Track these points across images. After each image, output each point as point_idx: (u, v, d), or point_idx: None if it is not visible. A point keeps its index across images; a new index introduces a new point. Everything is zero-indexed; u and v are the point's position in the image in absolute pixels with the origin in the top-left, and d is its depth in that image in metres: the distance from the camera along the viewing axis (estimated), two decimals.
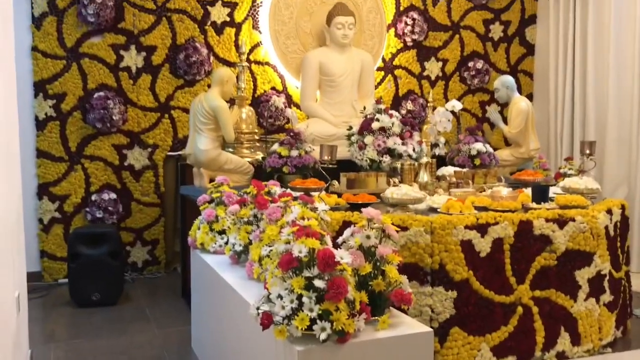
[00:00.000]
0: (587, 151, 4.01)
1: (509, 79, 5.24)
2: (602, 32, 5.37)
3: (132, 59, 4.88)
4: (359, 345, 1.81)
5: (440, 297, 2.89)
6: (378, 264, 2.03)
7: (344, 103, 5.11)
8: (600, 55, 5.39)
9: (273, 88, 5.33)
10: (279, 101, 5.00)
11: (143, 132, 4.95)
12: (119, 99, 4.79)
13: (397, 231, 2.79)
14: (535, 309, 3.08)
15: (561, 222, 3.15)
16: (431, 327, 2.88)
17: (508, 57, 6.16)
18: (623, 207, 3.64)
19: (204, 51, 5.00)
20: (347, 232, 2.08)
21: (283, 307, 1.80)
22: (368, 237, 2.01)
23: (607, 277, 3.34)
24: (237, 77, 4.66)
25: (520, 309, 3.05)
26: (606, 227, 3.33)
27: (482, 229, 2.99)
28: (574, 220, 3.18)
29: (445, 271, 2.90)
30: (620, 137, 5.25)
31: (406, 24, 5.67)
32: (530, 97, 6.22)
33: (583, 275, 3.20)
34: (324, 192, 3.43)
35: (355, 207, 3.29)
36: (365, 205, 3.36)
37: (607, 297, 3.33)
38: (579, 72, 5.55)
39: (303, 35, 5.29)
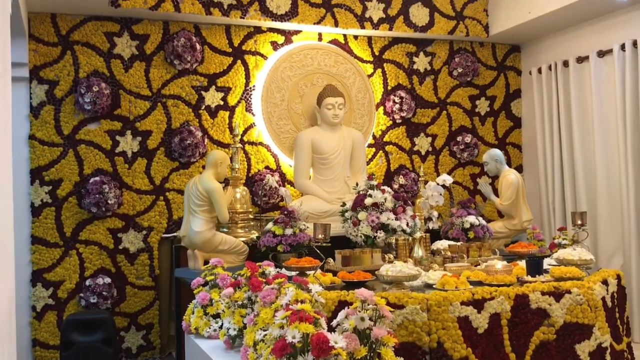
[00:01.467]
0: (579, 222, 4.05)
1: (497, 152, 5.36)
2: (584, 103, 5.55)
3: (128, 143, 4.98)
4: None
5: None
6: (374, 346, 2.00)
7: (336, 180, 5.18)
8: (585, 126, 5.54)
9: (267, 167, 5.42)
10: (273, 180, 5.07)
11: (138, 214, 4.98)
12: (115, 183, 4.85)
13: (392, 311, 2.78)
14: None
15: (557, 295, 3.14)
16: None
17: (496, 130, 6.32)
18: (619, 277, 3.63)
19: (199, 134, 5.12)
20: (341, 315, 2.06)
21: None
22: (362, 319, 1.99)
23: (609, 350, 3.29)
24: (231, 158, 4.75)
25: None
26: (603, 298, 3.32)
27: (479, 304, 2.98)
28: (570, 292, 3.17)
29: (443, 349, 2.86)
30: (611, 205, 5.31)
31: (394, 102, 5.84)
32: (520, 168, 6.33)
33: (584, 349, 3.15)
34: (319, 271, 3.43)
35: (351, 285, 3.28)
36: (361, 283, 3.36)
37: None
38: (565, 142, 5.68)
39: (295, 116, 5.44)
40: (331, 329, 2.03)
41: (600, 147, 5.37)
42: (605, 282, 3.42)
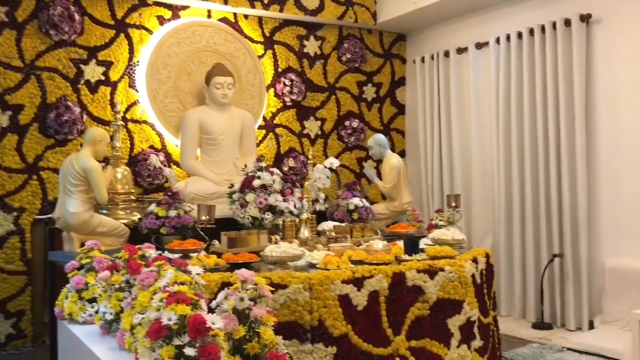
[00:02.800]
0: (453, 204, 4.29)
1: (381, 137, 5.54)
2: (463, 92, 5.87)
3: None
4: None
5: (320, 353, 2.90)
6: (253, 326, 2.01)
7: (225, 161, 5.11)
8: (462, 114, 5.87)
9: (151, 147, 5.23)
10: (157, 160, 4.91)
11: (8, 195, 4.63)
12: None
13: (273, 290, 2.80)
14: (412, 359, 3.18)
15: (431, 273, 3.31)
16: None
17: (381, 116, 6.53)
18: (488, 256, 3.90)
19: (77, 110, 4.83)
20: (220, 295, 2.04)
21: None
22: (242, 299, 1.99)
23: (477, 323, 3.53)
24: (112, 136, 4.54)
25: None
26: (473, 275, 3.55)
27: (359, 282, 3.07)
28: (443, 270, 3.36)
29: (324, 327, 2.93)
30: (484, 189, 5.69)
31: (285, 84, 5.85)
32: (402, 153, 6.59)
33: (455, 323, 3.36)
34: (203, 253, 3.38)
35: (236, 267, 3.26)
36: (246, 264, 3.35)
37: (477, 342, 3.51)
38: (444, 129, 5.99)
39: (182, 94, 5.29)
40: (212, 311, 2.01)
41: (476, 135, 5.72)
42: (475, 260, 3.66)
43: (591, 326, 4.72)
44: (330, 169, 4.85)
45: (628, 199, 4.57)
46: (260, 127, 5.78)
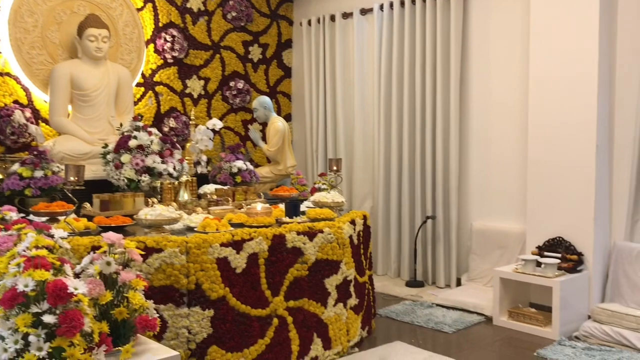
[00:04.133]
0: (335, 167, 4.36)
1: (266, 99, 5.49)
2: (348, 57, 5.94)
3: None
4: None
5: (197, 317, 2.87)
6: (121, 290, 1.93)
7: (99, 119, 4.83)
8: (347, 80, 5.95)
9: (16, 101, 4.80)
10: (22, 116, 4.53)
11: None
12: None
13: (146, 255, 2.71)
14: (290, 319, 3.23)
15: (311, 235, 3.36)
16: (189, 348, 2.85)
17: (267, 78, 6.45)
18: (365, 218, 4.03)
19: None
20: (85, 260, 1.94)
21: (5, 350, 1.60)
22: (108, 263, 1.90)
23: (353, 283, 3.66)
24: None
25: (276, 321, 3.17)
26: (350, 237, 3.65)
27: (238, 245, 3.05)
28: (322, 232, 3.42)
29: (201, 290, 2.89)
30: (365, 153, 5.84)
31: (166, 40, 5.59)
32: (288, 117, 6.59)
33: (332, 283, 3.45)
34: (73, 216, 3.18)
35: (108, 230, 3.10)
36: (119, 228, 3.21)
37: (353, 301, 3.65)
38: (329, 94, 6.05)
39: (51, 46, 4.88)
40: (78, 276, 1.91)
41: (359, 101, 5.83)
42: (353, 222, 3.77)
43: (459, 283, 5.07)
44: (213, 131, 4.75)
45: (495, 166, 4.90)
46: (138, 85, 5.49)
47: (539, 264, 4.05)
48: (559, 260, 3.99)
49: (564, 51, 4.13)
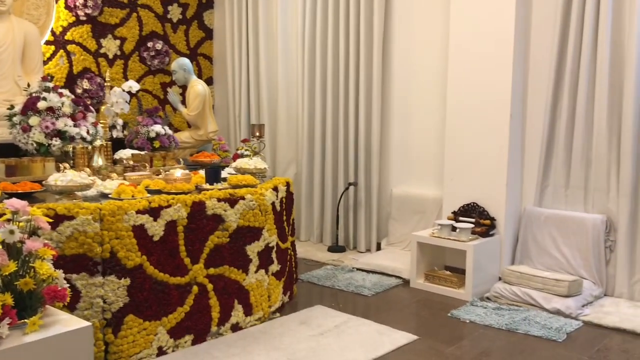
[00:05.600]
0: (257, 133, 4.31)
1: (185, 61, 5.31)
2: (270, 21, 5.82)
3: None
4: (2, 354, 1.61)
5: (112, 286, 2.78)
6: (27, 260, 1.83)
7: (4, 78, 4.54)
8: (270, 44, 5.84)
9: None
10: None
11: None
12: None
13: (56, 222, 2.59)
14: (210, 287, 3.20)
15: (232, 201, 3.32)
16: (104, 318, 2.77)
17: (188, 40, 6.23)
18: (288, 184, 4.02)
19: None
20: None
21: None
22: (12, 232, 1.79)
23: (275, 249, 3.66)
24: None
25: (195, 288, 3.13)
26: (273, 204, 3.64)
27: (155, 212, 2.96)
28: (244, 198, 3.38)
29: (117, 259, 2.80)
30: (288, 119, 5.80)
31: None
32: (210, 80, 6.42)
33: (253, 250, 3.44)
34: None
35: (14, 197, 2.92)
36: (27, 195, 3.04)
37: (275, 267, 3.65)
38: (252, 58, 5.92)
39: None
40: None
41: (282, 65, 5.75)
42: (275, 189, 3.74)
43: (379, 248, 5.19)
44: (130, 93, 4.54)
45: (415, 134, 5.00)
46: (48, 43, 5.16)
47: (454, 229, 4.20)
48: (472, 225, 4.16)
49: (482, 22, 4.23)
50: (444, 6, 4.63)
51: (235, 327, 3.32)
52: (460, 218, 4.31)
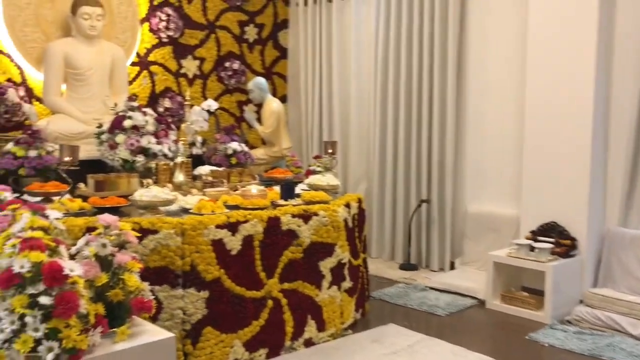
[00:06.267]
0: (330, 150, 4.35)
1: (261, 80, 5.45)
2: (344, 39, 5.89)
3: None
4: None
5: (192, 298, 2.88)
6: (117, 272, 1.93)
7: (93, 99, 4.80)
8: (343, 61, 5.91)
9: (9, 80, 4.75)
10: (15, 94, 4.48)
11: None
12: None
13: (141, 237, 2.71)
14: (284, 301, 3.25)
15: (306, 217, 3.37)
16: (183, 329, 2.87)
17: (263, 59, 6.40)
18: (360, 201, 4.04)
19: None
20: (81, 242, 1.94)
21: (2, 331, 1.61)
22: (104, 245, 1.90)
23: (347, 265, 3.67)
24: None
25: (270, 303, 3.19)
26: (345, 220, 3.66)
27: (233, 227, 3.05)
28: (317, 214, 3.42)
29: (196, 272, 2.90)
30: (360, 135, 5.83)
31: (161, 19, 5.53)
32: (284, 98, 6.55)
33: (326, 266, 3.47)
34: (67, 197, 3.17)
35: (103, 211, 3.10)
36: (114, 209, 3.20)
37: (347, 283, 3.66)
38: (325, 76, 6.01)
39: (44, 24, 4.82)
40: (74, 258, 1.90)
41: (355, 82, 5.80)
42: (348, 205, 3.77)
43: (452, 267, 5.10)
44: (209, 112, 4.72)
45: (491, 150, 4.89)
46: (133, 64, 5.44)
47: (532, 249, 4.07)
48: (552, 245, 4.02)
49: (562, 35, 4.11)
50: (521, 18, 4.53)
51: (309, 343, 3.35)
52: (539, 238, 4.17)
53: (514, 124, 4.64)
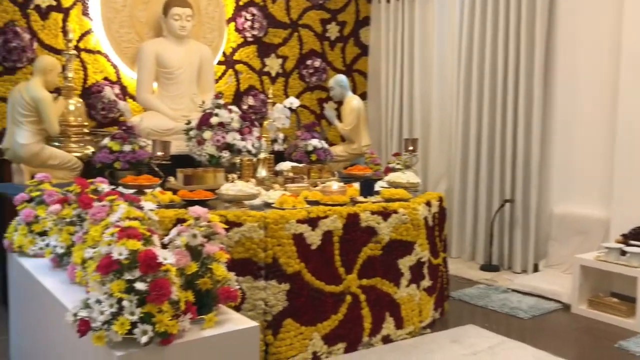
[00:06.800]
0: (410, 147, 4.33)
1: (342, 78, 5.49)
2: (426, 35, 5.83)
3: None
4: (183, 345, 1.80)
5: (273, 290, 2.96)
6: (205, 262, 2.02)
7: (182, 96, 5.01)
8: (425, 58, 5.85)
9: (106, 78, 5.06)
10: (111, 92, 4.76)
11: None
12: None
13: (227, 229, 2.81)
14: (362, 297, 3.28)
15: (385, 214, 3.37)
16: (265, 320, 2.95)
17: (344, 56, 6.44)
18: (441, 199, 3.99)
19: (26, 36, 4.61)
20: (173, 232, 2.04)
21: (102, 313, 1.72)
22: (194, 236, 1.99)
23: (427, 264, 3.65)
24: (64, 66, 4.37)
25: (349, 298, 3.22)
26: (425, 218, 3.63)
27: (314, 222, 3.11)
28: (396, 212, 3.42)
29: (278, 265, 2.97)
30: (441, 135, 5.75)
31: (246, 19, 5.69)
32: (364, 95, 6.56)
33: (405, 263, 3.46)
34: (158, 189, 3.34)
35: (191, 204, 3.23)
36: (202, 202, 3.33)
37: (426, 282, 3.64)
38: (407, 73, 5.97)
39: (138, 25, 5.09)
40: (165, 247, 2.01)
41: (437, 80, 5.72)
42: (428, 204, 3.74)
43: (536, 269, 4.93)
44: (290, 109, 4.81)
45: (580, 149, 4.69)
46: (219, 63, 5.64)
47: (623, 253, 3.88)
48: None
49: None
50: (614, 16, 4.31)
51: (386, 339, 3.36)
52: (631, 242, 3.96)
53: (604, 124, 4.43)
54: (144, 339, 1.72)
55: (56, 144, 4.14)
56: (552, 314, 4.01)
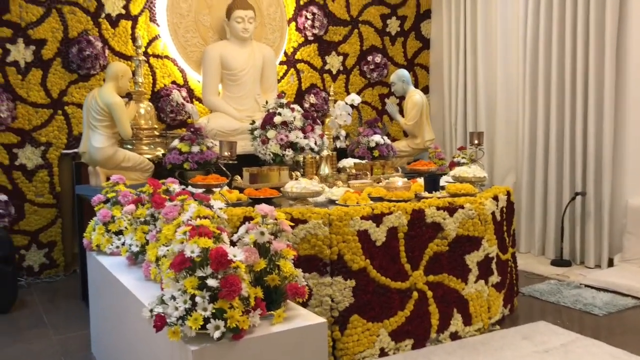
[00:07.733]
0: (476, 141, 4.25)
1: (404, 72, 5.44)
2: (490, 26, 5.70)
3: (20, 52, 4.62)
4: (254, 340, 1.85)
5: (339, 286, 2.98)
6: (273, 259, 2.07)
7: (246, 97, 5.11)
8: (488, 49, 5.72)
9: (174, 82, 5.23)
10: (179, 95, 4.91)
11: (35, 129, 4.71)
12: (7, 95, 4.54)
13: (292, 225, 2.86)
14: (429, 293, 3.25)
15: (451, 210, 3.33)
16: (331, 316, 2.98)
17: (405, 51, 6.39)
18: (508, 194, 3.90)
19: (99, 44, 4.83)
20: (242, 229, 2.10)
21: (176, 308, 1.80)
22: (262, 233, 2.04)
23: (495, 260, 3.57)
24: (134, 71, 4.54)
25: (415, 294, 3.20)
26: (493, 213, 3.56)
27: (378, 219, 3.11)
28: (463, 207, 3.37)
29: (343, 261, 2.99)
30: (508, 127, 5.60)
31: (306, 18, 5.74)
32: (426, 89, 6.49)
33: (472, 259, 3.40)
34: (225, 188, 3.43)
35: (257, 202, 3.32)
36: (267, 200, 3.41)
37: (495, 278, 3.57)
38: (470, 65, 5.86)
39: (203, 29, 5.23)
40: (234, 244, 2.07)
41: (501, 71, 5.58)
42: (495, 198, 3.66)
43: (610, 264, 4.74)
44: (352, 106, 4.82)
45: None
46: (281, 63, 5.71)
47: None
48: None
49: None
50: None
51: (454, 336, 3.32)
52: None
53: None
54: (217, 334, 1.78)
55: (129, 146, 4.32)
56: (630, 310, 3.84)
